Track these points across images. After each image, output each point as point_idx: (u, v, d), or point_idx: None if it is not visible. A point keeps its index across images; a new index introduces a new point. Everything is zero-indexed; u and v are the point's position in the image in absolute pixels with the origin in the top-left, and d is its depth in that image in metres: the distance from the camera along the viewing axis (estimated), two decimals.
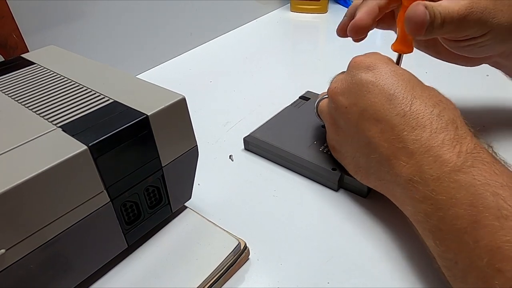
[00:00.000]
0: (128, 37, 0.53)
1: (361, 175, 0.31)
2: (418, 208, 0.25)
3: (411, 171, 0.25)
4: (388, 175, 0.27)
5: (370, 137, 0.28)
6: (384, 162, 0.27)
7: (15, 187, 0.19)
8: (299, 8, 0.76)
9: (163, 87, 0.27)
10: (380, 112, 0.27)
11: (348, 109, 0.29)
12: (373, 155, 0.28)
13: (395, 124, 0.26)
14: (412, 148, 0.25)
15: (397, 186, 0.27)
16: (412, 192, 0.25)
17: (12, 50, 0.41)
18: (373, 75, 0.29)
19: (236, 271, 0.28)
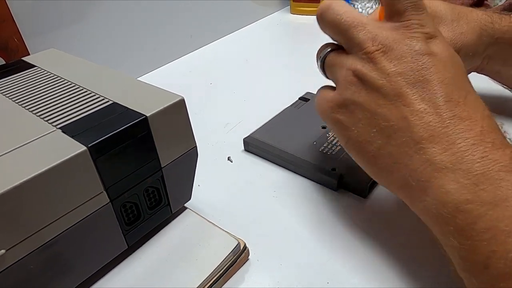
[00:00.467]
0: (128, 40, 0.53)
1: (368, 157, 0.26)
2: (444, 200, 0.21)
3: (448, 159, 0.22)
4: (413, 160, 0.23)
5: (408, 114, 0.23)
6: (412, 145, 0.23)
7: (15, 188, 0.19)
8: (299, 10, 0.76)
9: (163, 89, 0.27)
10: (438, 88, 0.23)
11: (390, 77, 0.24)
12: (401, 136, 0.24)
13: (444, 109, 0.23)
14: (456, 138, 0.22)
15: (419, 174, 0.23)
16: (441, 181, 0.22)
17: (13, 53, 0.42)
18: (436, 47, 0.25)
19: (236, 272, 0.28)
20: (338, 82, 0.27)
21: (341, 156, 0.35)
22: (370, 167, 0.26)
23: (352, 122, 0.26)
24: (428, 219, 0.23)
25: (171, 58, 0.60)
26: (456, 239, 0.21)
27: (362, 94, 0.25)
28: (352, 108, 0.26)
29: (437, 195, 0.21)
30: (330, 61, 0.29)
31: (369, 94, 0.25)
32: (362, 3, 0.73)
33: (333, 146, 0.36)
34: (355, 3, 0.74)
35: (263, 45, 0.65)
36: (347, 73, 0.26)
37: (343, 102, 0.26)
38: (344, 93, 0.26)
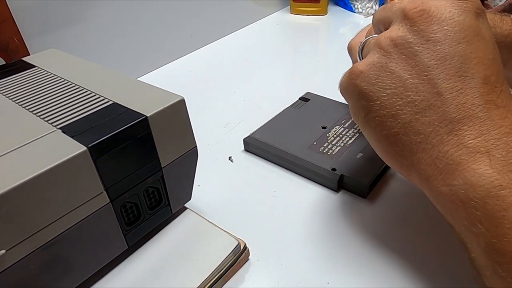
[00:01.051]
0: (128, 40, 0.54)
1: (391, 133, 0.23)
2: (476, 184, 0.20)
3: (482, 144, 0.21)
4: (443, 141, 0.22)
5: (442, 91, 0.22)
6: (443, 125, 0.22)
7: (15, 188, 0.19)
8: (299, 10, 0.76)
9: (163, 89, 0.27)
10: (477, 68, 0.22)
11: (429, 44, 0.22)
12: (432, 113, 0.22)
13: (481, 92, 0.21)
14: (490, 124, 0.21)
15: (449, 156, 0.21)
16: (473, 164, 0.20)
17: (14, 54, 0.42)
18: (482, 25, 0.23)
19: (236, 272, 0.28)
20: (372, 50, 0.25)
21: (341, 156, 0.35)
22: (388, 146, 0.24)
23: (377, 91, 0.23)
24: (451, 204, 0.21)
25: (171, 58, 0.60)
26: (483, 226, 0.20)
27: (393, 58, 0.23)
28: (379, 74, 0.23)
29: (467, 178, 0.20)
30: (370, 42, 0.26)
31: (402, 60, 0.23)
32: (362, 3, 0.73)
33: (333, 146, 0.36)
34: (355, 3, 0.74)
35: (263, 45, 0.65)
36: (382, 40, 0.24)
37: (369, 67, 0.24)
38: (372, 57, 0.24)
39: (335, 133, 0.38)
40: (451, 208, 0.21)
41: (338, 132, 0.38)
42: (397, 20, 0.24)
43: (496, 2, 0.66)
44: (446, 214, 0.22)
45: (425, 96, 0.22)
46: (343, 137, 0.37)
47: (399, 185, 0.34)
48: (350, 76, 0.25)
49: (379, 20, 0.27)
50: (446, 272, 0.27)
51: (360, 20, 0.71)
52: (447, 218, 0.22)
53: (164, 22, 0.57)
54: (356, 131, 0.38)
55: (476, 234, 0.20)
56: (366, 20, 0.71)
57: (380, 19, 0.27)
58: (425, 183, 0.23)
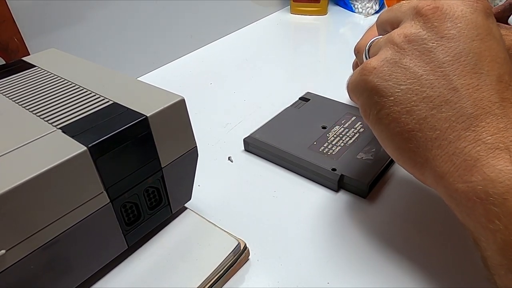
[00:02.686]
0: (128, 40, 0.53)
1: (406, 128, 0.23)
2: (495, 180, 0.20)
3: (500, 140, 0.20)
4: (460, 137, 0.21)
5: (458, 86, 0.22)
6: (460, 121, 0.21)
7: (15, 188, 0.19)
8: (299, 10, 0.76)
9: (163, 89, 0.27)
10: (491, 65, 0.22)
11: (443, 40, 0.22)
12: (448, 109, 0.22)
13: (496, 89, 0.21)
14: (506, 121, 0.21)
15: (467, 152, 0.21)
16: (493, 160, 0.20)
17: (14, 54, 0.42)
18: (492, 25, 0.23)
19: (236, 272, 0.28)
20: (384, 47, 0.24)
21: (341, 156, 0.35)
22: (401, 144, 0.23)
23: (390, 87, 0.23)
24: (468, 201, 0.21)
25: (171, 58, 0.60)
26: (501, 222, 0.19)
27: (408, 54, 0.23)
28: (393, 70, 0.23)
29: (487, 174, 0.20)
30: (378, 42, 0.26)
31: (416, 56, 0.23)
32: (362, 3, 0.73)
33: (333, 146, 0.36)
34: (355, 3, 0.74)
35: (263, 45, 0.65)
36: (395, 37, 0.24)
37: (383, 63, 0.24)
38: (385, 53, 0.24)
39: (335, 133, 0.38)
40: (467, 205, 0.21)
41: (338, 132, 0.38)
42: (408, 18, 0.24)
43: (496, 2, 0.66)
44: (461, 212, 0.22)
45: (441, 92, 0.22)
46: (343, 137, 0.37)
47: (399, 185, 0.34)
48: (362, 72, 0.24)
49: (385, 21, 0.27)
50: (446, 272, 0.27)
51: (360, 20, 0.71)
52: (461, 216, 0.22)
53: (164, 22, 0.57)
54: (356, 131, 0.38)
55: (493, 231, 0.20)
56: (366, 20, 0.71)
57: (387, 19, 0.27)
58: (440, 181, 0.22)
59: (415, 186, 0.34)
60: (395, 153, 0.25)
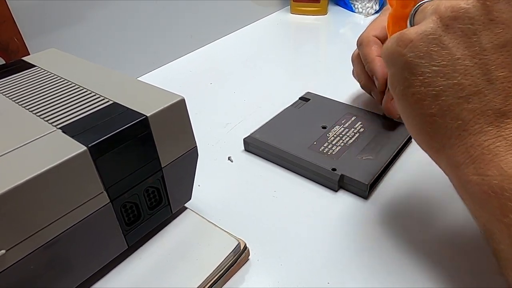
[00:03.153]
0: (128, 40, 0.53)
1: None
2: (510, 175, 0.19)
3: None
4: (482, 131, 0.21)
5: (494, 79, 0.21)
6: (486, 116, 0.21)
7: (15, 188, 0.19)
8: (299, 10, 0.76)
9: (163, 89, 0.27)
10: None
11: (499, 26, 0.21)
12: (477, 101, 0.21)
13: None
14: None
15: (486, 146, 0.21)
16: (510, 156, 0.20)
17: (14, 54, 0.42)
18: None
19: (236, 272, 0.28)
20: (428, 17, 0.23)
21: (341, 156, 0.35)
22: (420, 125, 0.23)
23: (423, 65, 0.22)
24: (482, 194, 0.21)
25: (171, 58, 0.60)
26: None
27: (450, 32, 0.21)
28: (430, 47, 0.22)
29: (504, 170, 0.20)
30: (427, 7, 0.24)
31: (458, 37, 0.21)
32: (362, 3, 0.73)
33: (333, 146, 0.36)
34: (355, 3, 0.74)
35: (263, 45, 0.65)
36: (442, 9, 0.22)
37: (421, 37, 0.22)
38: (426, 25, 0.22)
39: (335, 133, 0.38)
40: (481, 197, 0.21)
41: (338, 132, 0.38)
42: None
43: None
44: (474, 203, 0.22)
45: (473, 81, 0.21)
46: (343, 137, 0.37)
47: (399, 185, 0.34)
48: (398, 43, 0.23)
49: None
50: (446, 272, 0.27)
51: (360, 20, 0.71)
52: (474, 207, 0.22)
53: (164, 22, 0.57)
54: (356, 131, 0.38)
55: (508, 225, 0.20)
56: (366, 20, 0.71)
57: None
58: (454, 170, 0.22)
59: (415, 187, 0.34)
60: (413, 132, 0.24)
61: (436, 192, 0.33)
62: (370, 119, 0.40)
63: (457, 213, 0.31)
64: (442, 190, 0.33)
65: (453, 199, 0.32)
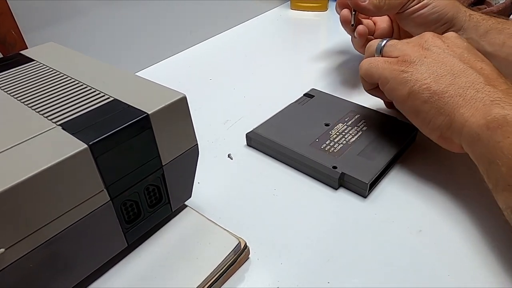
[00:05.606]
0: (127, 35, 0.53)
1: None
2: None
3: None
4: (480, 90, 0.29)
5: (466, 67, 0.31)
6: (477, 82, 0.30)
7: (15, 186, 0.19)
8: (299, 6, 0.75)
9: (164, 85, 0.27)
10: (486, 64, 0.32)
11: (452, 48, 0.33)
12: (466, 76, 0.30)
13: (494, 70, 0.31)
14: None
15: (490, 96, 0.28)
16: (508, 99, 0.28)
17: (11, 47, 0.41)
18: None
19: (236, 270, 0.28)
20: (413, 43, 0.34)
21: (342, 154, 0.35)
22: (430, 106, 0.31)
23: (423, 69, 0.32)
24: (488, 130, 0.27)
25: (170, 54, 0.60)
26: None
27: (433, 54, 0.32)
28: (422, 61, 0.32)
29: (504, 108, 0.27)
30: (393, 43, 0.36)
31: (439, 53, 0.32)
32: None
33: (335, 144, 0.36)
34: None
35: (263, 40, 0.65)
36: (425, 36, 0.34)
37: (412, 59, 0.32)
38: (413, 52, 0.33)
39: (338, 131, 0.38)
40: (488, 134, 0.27)
41: (341, 129, 0.38)
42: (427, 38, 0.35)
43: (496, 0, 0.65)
44: (481, 144, 0.27)
45: (457, 68, 0.31)
46: (345, 135, 0.37)
47: (399, 185, 0.34)
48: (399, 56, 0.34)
49: None
50: (446, 272, 0.27)
51: None
52: (480, 148, 0.28)
53: (163, 17, 0.56)
54: (359, 129, 0.38)
55: (509, 144, 0.25)
56: None
57: None
58: (465, 124, 0.29)
59: (415, 187, 0.34)
60: (427, 117, 0.31)
61: (436, 192, 0.33)
62: (374, 118, 0.40)
63: (457, 213, 0.31)
64: (442, 190, 0.33)
65: (453, 199, 0.32)
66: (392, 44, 0.35)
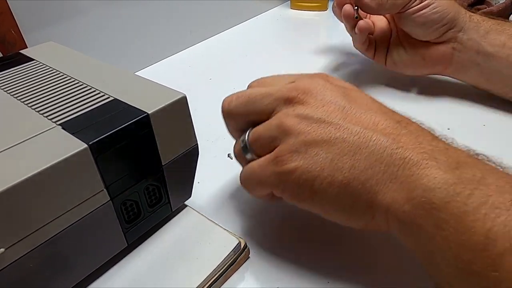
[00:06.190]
0: (127, 34, 0.53)
1: None
2: (433, 187, 0.21)
3: (422, 151, 0.22)
4: (389, 164, 0.22)
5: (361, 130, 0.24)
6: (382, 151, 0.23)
7: (15, 186, 0.19)
8: (299, 5, 0.75)
9: (164, 85, 0.27)
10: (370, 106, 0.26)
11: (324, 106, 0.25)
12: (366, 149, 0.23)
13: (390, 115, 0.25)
14: (416, 135, 0.23)
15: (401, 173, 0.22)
16: (425, 170, 0.21)
17: (11, 46, 0.41)
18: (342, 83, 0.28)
19: (236, 270, 0.28)
20: (274, 141, 0.25)
21: None
22: (342, 201, 0.24)
23: (312, 161, 0.24)
24: (416, 218, 0.21)
25: (170, 53, 0.60)
26: (450, 225, 0.20)
27: (307, 132, 0.24)
28: (305, 148, 0.24)
29: (425, 185, 0.21)
30: (257, 131, 0.26)
31: (315, 128, 0.24)
32: None
33: None
34: None
35: (263, 40, 0.65)
36: (281, 124, 0.25)
37: (290, 149, 0.24)
38: (288, 140, 0.24)
39: None
40: (418, 223, 0.21)
41: None
42: (281, 107, 0.26)
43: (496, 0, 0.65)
44: (413, 234, 0.22)
45: (351, 140, 0.23)
46: None
47: None
48: (269, 166, 0.25)
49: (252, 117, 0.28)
50: None
51: None
52: (414, 239, 0.22)
53: (163, 16, 0.56)
54: None
55: (445, 238, 0.20)
56: None
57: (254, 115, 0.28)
58: (389, 211, 0.22)
59: None
60: (343, 214, 0.25)
61: None
62: None
63: None
64: None
65: None
66: (255, 138, 0.27)
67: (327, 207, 0.25)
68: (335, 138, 0.23)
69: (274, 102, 0.26)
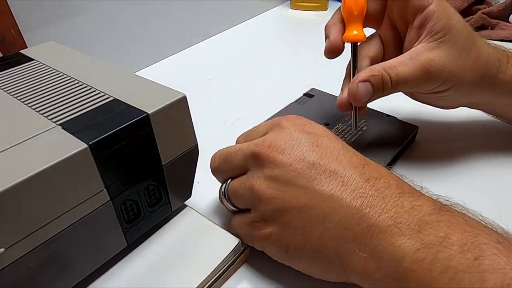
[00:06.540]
0: (127, 34, 0.53)
1: None
2: (399, 257, 0.21)
3: (387, 216, 0.22)
4: (357, 233, 0.22)
5: (331, 193, 0.24)
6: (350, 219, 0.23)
7: (15, 186, 0.19)
8: (299, 5, 0.75)
9: (164, 85, 0.27)
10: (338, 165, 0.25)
11: (293, 165, 0.25)
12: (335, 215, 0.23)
13: (357, 174, 0.24)
14: (382, 196, 0.23)
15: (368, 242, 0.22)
16: (390, 239, 0.21)
17: (10, 46, 0.41)
18: (314, 129, 0.28)
19: (236, 270, 0.28)
20: (249, 201, 0.26)
21: None
22: (317, 264, 0.24)
23: (284, 228, 0.24)
24: (389, 285, 0.22)
25: (170, 53, 0.60)
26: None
27: (277, 198, 0.24)
28: (277, 216, 0.25)
29: (391, 255, 0.21)
30: (233, 186, 0.28)
31: (285, 194, 0.24)
32: None
33: None
34: None
35: (262, 40, 0.65)
36: (252, 188, 0.25)
37: (263, 216, 0.25)
38: (260, 207, 0.25)
39: (338, 131, 0.38)
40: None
41: (340, 129, 0.38)
42: (252, 165, 0.27)
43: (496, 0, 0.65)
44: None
45: (321, 206, 0.23)
46: (345, 134, 0.37)
47: None
48: (248, 228, 0.27)
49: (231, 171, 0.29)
50: None
51: None
52: None
53: (163, 16, 0.56)
54: (358, 129, 0.38)
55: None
56: None
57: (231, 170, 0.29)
58: (364, 278, 0.23)
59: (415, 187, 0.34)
60: (320, 273, 0.25)
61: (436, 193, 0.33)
62: (373, 118, 0.40)
63: None
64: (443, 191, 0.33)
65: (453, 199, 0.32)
66: (232, 192, 0.28)
67: (305, 267, 0.25)
68: (305, 204, 0.24)
69: (243, 158, 0.27)
